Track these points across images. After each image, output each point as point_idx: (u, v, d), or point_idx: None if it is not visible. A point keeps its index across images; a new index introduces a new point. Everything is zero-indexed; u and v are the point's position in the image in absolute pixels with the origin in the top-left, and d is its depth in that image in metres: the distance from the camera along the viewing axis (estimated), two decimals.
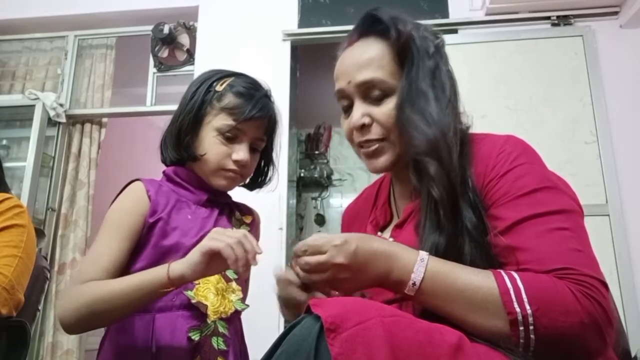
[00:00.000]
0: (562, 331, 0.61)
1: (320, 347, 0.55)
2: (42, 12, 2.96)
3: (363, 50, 0.84)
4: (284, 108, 2.60)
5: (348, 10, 2.71)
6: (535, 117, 2.31)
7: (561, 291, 0.62)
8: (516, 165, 0.74)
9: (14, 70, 3.11)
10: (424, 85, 0.79)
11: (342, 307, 0.57)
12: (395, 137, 0.81)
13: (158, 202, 0.99)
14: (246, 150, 1.03)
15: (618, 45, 2.39)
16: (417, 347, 0.56)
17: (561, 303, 0.62)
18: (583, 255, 0.66)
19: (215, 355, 0.94)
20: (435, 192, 0.73)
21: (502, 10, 2.47)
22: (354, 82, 0.82)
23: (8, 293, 1.11)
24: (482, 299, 0.65)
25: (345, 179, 4.64)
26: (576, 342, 0.62)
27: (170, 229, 0.97)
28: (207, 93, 1.04)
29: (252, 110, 1.01)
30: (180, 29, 2.80)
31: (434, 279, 0.67)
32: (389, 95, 0.81)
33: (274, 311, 2.24)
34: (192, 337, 0.92)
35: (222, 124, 1.01)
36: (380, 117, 0.81)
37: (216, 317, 0.96)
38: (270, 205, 2.45)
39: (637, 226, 2.17)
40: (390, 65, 0.82)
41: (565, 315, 0.61)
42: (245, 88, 1.05)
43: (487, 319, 0.64)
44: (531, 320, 0.61)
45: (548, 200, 0.71)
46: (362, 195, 1.06)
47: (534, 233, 0.68)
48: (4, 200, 1.26)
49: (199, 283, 0.96)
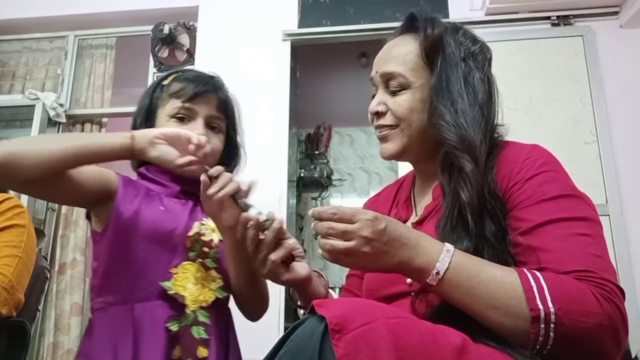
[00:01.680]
0: (582, 332, 0.62)
1: (325, 347, 0.55)
2: (42, 12, 2.95)
3: (395, 45, 0.90)
4: (284, 108, 2.62)
5: (348, 10, 2.71)
6: (535, 117, 2.31)
7: (583, 292, 0.63)
8: (542, 171, 0.76)
9: (14, 70, 3.11)
10: (457, 87, 0.83)
11: (346, 308, 0.58)
12: (405, 126, 0.86)
13: (127, 192, 0.99)
14: (201, 127, 1.03)
15: (618, 45, 2.39)
16: (422, 348, 0.56)
17: (583, 303, 0.62)
18: (603, 261, 0.68)
19: (196, 344, 0.93)
20: (466, 194, 0.74)
21: (502, 10, 2.47)
22: (379, 72, 0.89)
23: (8, 293, 1.11)
24: (504, 294, 0.65)
25: (345, 179, 4.64)
26: (593, 344, 0.63)
27: (141, 220, 0.97)
28: (155, 91, 1.09)
29: (196, 87, 1.04)
30: (180, 29, 2.80)
31: (458, 270, 0.67)
32: (405, 89, 0.86)
33: (274, 311, 2.25)
34: (170, 327, 0.92)
35: (171, 108, 1.04)
36: (393, 106, 0.87)
37: (196, 307, 0.95)
38: (270, 205, 2.44)
39: (637, 226, 2.17)
40: (414, 62, 0.86)
41: (587, 316, 0.62)
42: (191, 74, 1.08)
43: (507, 315, 0.64)
44: (553, 318, 0.61)
45: (571, 207, 0.72)
46: (382, 192, 1.08)
47: (557, 235, 0.69)
48: (4, 201, 1.26)
49: (177, 273, 0.96)
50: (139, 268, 0.95)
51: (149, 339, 0.90)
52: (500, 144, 0.84)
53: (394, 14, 2.64)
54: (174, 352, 0.91)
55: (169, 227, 0.98)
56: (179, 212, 1.02)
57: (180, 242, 0.99)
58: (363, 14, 2.68)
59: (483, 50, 0.89)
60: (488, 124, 0.83)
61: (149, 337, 0.91)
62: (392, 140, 0.88)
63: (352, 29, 2.66)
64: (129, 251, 0.95)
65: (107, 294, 0.95)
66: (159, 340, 0.91)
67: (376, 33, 2.60)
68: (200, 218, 1.04)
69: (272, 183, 2.49)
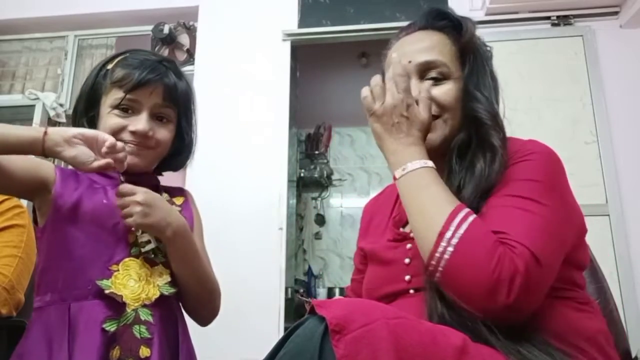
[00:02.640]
0: (464, 270, 0.66)
1: (325, 348, 0.55)
2: (42, 12, 2.96)
3: (426, 37, 0.91)
4: (284, 108, 2.62)
5: (348, 10, 2.71)
6: (535, 117, 2.31)
7: (494, 248, 0.66)
8: (528, 159, 0.78)
9: (14, 70, 3.11)
10: (486, 82, 0.88)
11: (347, 309, 0.58)
12: (449, 116, 0.87)
13: (67, 184, 0.95)
14: (145, 120, 0.97)
15: (618, 45, 2.39)
16: (422, 349, 0.56)
17: (485, 254, 0.66)
18: (530, 231, 0.68)
19: (137, 344, 0.89)
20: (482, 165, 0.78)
21: (502, 10, 2.47)
22: (414, 62, 0.88)
23: (8, 293, 1.11)
24: (436, 210, 0.72)
25: (345, 179, 4.63)
26: (468, 288, 0.66)
27: (81, 213, 0.93)
28: (98, 75, 1.01)
29: (139, 76, 0.95)
30: (180, 29, 2.80)
31: (417, 177, 0.76)
32: (447, 79, 0.87)
33: (274, 311, 2.25)
34: (106, 328, 0.87)
35: (114, 99, 0.97)
36: (439, 95, 0.86)
37: (138, 305, 0.91)
38: (270, 205, 2.45)
39: (637, 226, 2.17)
40: (451, 54, 0.89)
41: (477, 260, 0.66)
42: (136, 60, 0.99)
43: (425, 224, 0.72)
44: (454, 242, 0.67)
45: (531, 189, 0.74)
46: (384, 192, 1.08)
47: (499, 205, 0.74)
48: (4, 201, 1.26)
49: (117, 270, 0.92)
50: (77, 265, 0.90)
51: (83, 340, 0.86)
52: None
53: (394, 14, 2.64)
54: (113, 353, 0.87)
55: (112, 222, 0.93)
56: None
57: (122, 237, 0.94)
58: (363, 14, 2.68)
59: (490, 49, 0.94)
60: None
61: (83, 337, 0.86)
62: (437, 130, 0.86)
63: (352, 29, 2.66)
64: (68, 247, 0.91)
65: (45, 293, 0.91)
66: (94, 341, 0.86)
67: (376, 33, 2.60)
68: None
69: (272, 183, 2.49)
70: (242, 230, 2.41)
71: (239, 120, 2.60)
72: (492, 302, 0.64)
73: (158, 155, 1.03)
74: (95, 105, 1.00)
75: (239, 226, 2.41)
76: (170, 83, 1.00)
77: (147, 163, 1.01)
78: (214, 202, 2.28)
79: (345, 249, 4.41)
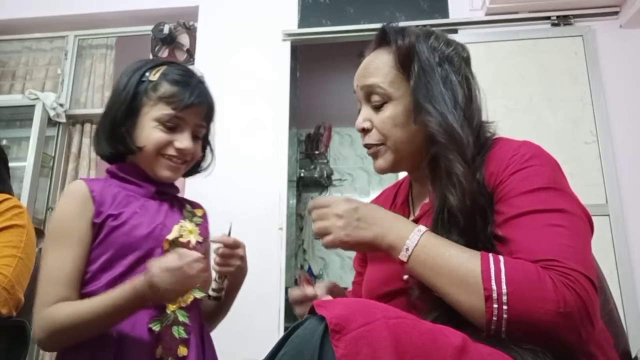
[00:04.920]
0: (535, 316, 0.62)
1: (325, 348, 0.55)
2: (42, 12, 2.96)
3: (372, 60, 0.90)
4: (284, 108, 2.62)
5: (348, 10, 2.71)
6: (535, 117, 2.31)
7: (542, 278, 0.63)
8: (527, 166, 0.76)
9: (14, 70, 3.11)
10: (437, 91, 0.82)
11: (346, 308, 0.58)
12: (392, 143, 0.86)
13: (103, 202, 0.97)
14: (189, 138, 1.02)
15: (618, 45, 2.39)
16: (422, 348, 0.56)
17: (539, 289, 0.63)
18: (574, 251, 0.67)
19: (176, 344, 0.94)
20: (454, 198, 0.75)
21: (502, 10, 2.47)
22: (359, 86, 0.90)
23: (8, 293, 1.11)
24: (464, 273, 0.67)
25: (345, 179, 4.64)
26: (547, 330, 0.62)
27: (120, 224, 0.96)
28: (140, 83, 1.02)
29: (190, 97, 1.00)
30: (180, 29, 2.80)
31: (426, 249, 0.71)
32: (386, 102, 0.86)
33: (274, 311, 2.25)
34: (153, 327, 0.92)
35: (162, 114, 1.00)
36: (378, 124, 0.87)
37: (175, 307, 0.96)
38: (270, 205, 2.45)
39: (637, 226, 2.17)
40: (392, 74, 0.86)
41: (542, 302, 0.62)
42: (179, 75, 1.03)
43: (465, 293, 0.67)
44: (505, 299, 0.63)
45: (549, 199, 0.72)
46: (382, 195, 1.09)
47: (529, 226, 0.70)
48: (4, 201, 1.26)
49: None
50: (120, 272, 0.94)
51: (132, 341, 0.90)
52: (491, 141, 0.84)
53: (394, 14, 2.64)
54: (157, 352, 0.92)
55: (146, 230, 0.97)
56: (155, 214, 1.01)
57: (158, 245, 0.98)
58: (363, 14, 2.68)
59: (458, 52, 0.88)
60: (473, 124, 0.83)
61: (132, 339, 0.91)
62: (382, 157, 0.89)
63: (352, 29, 2.66)
64: (109, 258, 0.95)
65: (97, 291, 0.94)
66: (142, 341, 0.91)
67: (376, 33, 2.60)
68: (177, 220, 1.03)
69: (272, 183, 2.49)
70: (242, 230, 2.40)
71: (239, 120, 2.60)
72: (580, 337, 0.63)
73: (187, 169, 1.09)
74: (134, 114, 1.01)
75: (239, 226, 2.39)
76: (212, 104, 1.08)
77: (179, 176, 1.08)
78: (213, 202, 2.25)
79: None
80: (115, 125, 1.01)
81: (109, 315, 0.86)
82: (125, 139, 1.00)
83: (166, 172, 1.02)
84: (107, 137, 1.02)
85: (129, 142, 1.00)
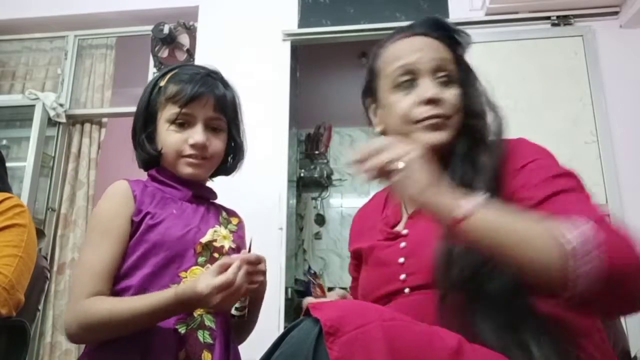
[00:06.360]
0: (632, 265, 0.57)
1: (319, 350, 0.55)
2: (42, 12, 2.95)
3: (427, 42, 0.89)
4: (284, 108, 2.61)
5: (348, 10, 2.71)
6: (535, 117, 2.31)
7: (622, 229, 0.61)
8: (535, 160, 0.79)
9: (14, 70, 3.11)
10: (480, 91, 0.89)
11: (341, 311, 0.58)
12: (454, 121, 0.86)
13: (143, 201, 1.00)
14: (201, 132, 1.03)
15: (618, 45, 2.38)
16: (417, 351, 0.56)
17: (628, 236, 0.60)
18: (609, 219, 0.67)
19: (201, 348, 0.93)
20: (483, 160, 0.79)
21: (502, 10, 2.47)
22: (427, 57, 0.86)
23: (8, 293, 1.11)
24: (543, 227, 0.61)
25: (345, 179, 4.64)
26: (635, 282, 0.57)
27: (155, 223, 0.98)
28: (152, 92, 1.07)
29: (192, 90, 1.01)
30: (180, 29, 2.80)
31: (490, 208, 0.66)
32: (453, 82, 0.87)
33: (274, 311, 2.25)
34: (179, 329, 0.93)
35: (170, 114, 1.03)
36: (449, 97, 0.86)
37: (202, 311, 0.96)
38: (270, 205, 2.45)
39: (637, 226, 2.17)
40: (451, 61, 0.89)
41: (634, 248, 0.58)
42: (186, 74, 1.05)
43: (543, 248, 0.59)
44: (596, 251, 0.56)
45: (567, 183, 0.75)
46: (372, 199, 1.09)
47: (570, 201, 0.71)
48: (5, 200, 1.26)
49: (185, 277, 0.97)
50: (152, 270, 0.95)
51: (158, 342, 0.91)
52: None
53: (394, 14, 2.64)
54: (181, 355, 0.92)
55: (181, 232, 0.99)
56: (191, 217, 1.03)
57: (190, 247, 0.99)
58: (363, 14, 2.68)
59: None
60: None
61: (158, 339, 0.91)
62: (445, 130, 0.85)
63: (352, 29, 2.66)
64: (145, 254, 0.96)
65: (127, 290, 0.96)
66: (167, 342, 0.91)
67: (376, 33, 2.60)
68: (212, 224, 1.05)
69: (272, 183, 2.48)
70: None
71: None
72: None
73: (213, 165, 1.10)
74: (152, 122, 1.06)
75: None
76: (220, 94, 1.06)
77: (205, 173, 1.09)
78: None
79: (345, 249, 4.37)
80: (136, 134, 1.07)
81: (145, 317, 0.87)
82: (145, 145, 1.05)
83: (187, 169, 1.04)
84: (134, 146, 1.08)
85: (148, 148, 1.04)
